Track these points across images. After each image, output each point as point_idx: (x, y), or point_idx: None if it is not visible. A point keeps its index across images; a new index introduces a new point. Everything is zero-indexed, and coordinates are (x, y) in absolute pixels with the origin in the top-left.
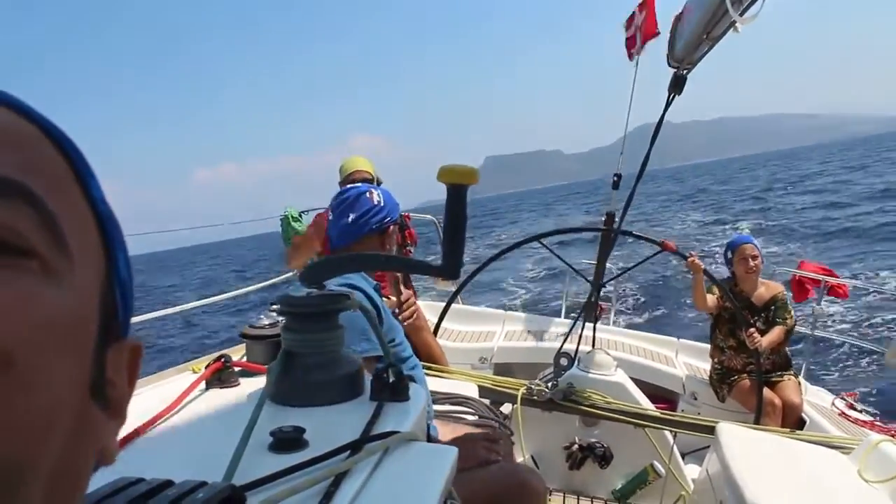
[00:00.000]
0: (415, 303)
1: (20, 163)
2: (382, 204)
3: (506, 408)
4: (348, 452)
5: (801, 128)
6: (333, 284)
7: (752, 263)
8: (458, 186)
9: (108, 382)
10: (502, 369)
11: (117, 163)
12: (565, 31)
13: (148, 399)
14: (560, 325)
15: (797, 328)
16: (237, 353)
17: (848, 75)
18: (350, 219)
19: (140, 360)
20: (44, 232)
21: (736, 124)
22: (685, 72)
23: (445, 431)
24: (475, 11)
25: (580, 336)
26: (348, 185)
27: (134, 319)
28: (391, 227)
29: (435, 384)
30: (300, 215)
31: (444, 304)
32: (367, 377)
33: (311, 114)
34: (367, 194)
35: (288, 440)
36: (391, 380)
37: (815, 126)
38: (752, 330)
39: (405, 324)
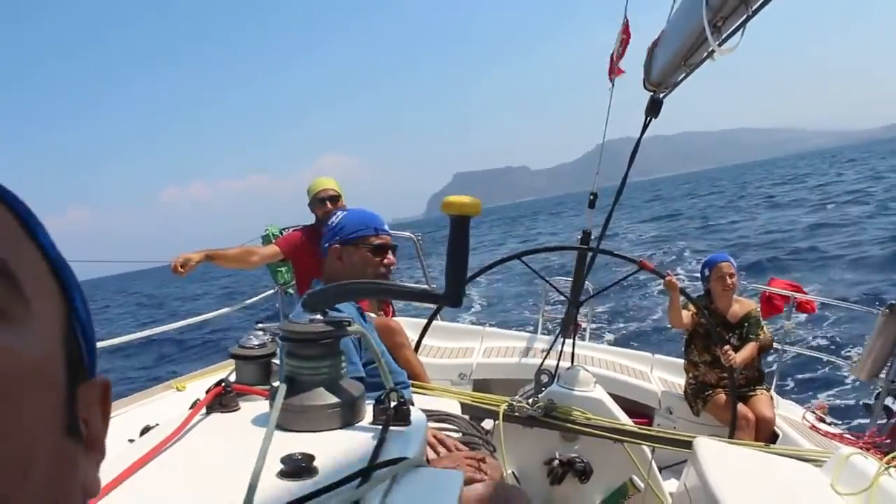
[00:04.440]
0: None
1: None
2: (338, 223)
3: (486, 423)
4: (359, 480)
5: (758, 142)
6: None
7: (728, 281)
8: (461, 217)
9: (81, 420)
10: (481, 385)
11: (86, 186)
12: (530, 49)
13: (142, 418)
14: (537, 341)
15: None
16: (224, 370)
17: (802, 92)
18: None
19: (110, 395)
20: None
21: (696, 139)
22: (662, 96)
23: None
24: (452, 29)
25: (560, 353)
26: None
27: (128, 337)
28: (338, 244)
29: (417, 401)
30: (281, 232)
31: (424, 321)
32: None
33: (280, 135)
34: (334, 218)
35: (298, 468)
36: (393, 404)
37: (771, 140)
38: (727, 347)
39: None
